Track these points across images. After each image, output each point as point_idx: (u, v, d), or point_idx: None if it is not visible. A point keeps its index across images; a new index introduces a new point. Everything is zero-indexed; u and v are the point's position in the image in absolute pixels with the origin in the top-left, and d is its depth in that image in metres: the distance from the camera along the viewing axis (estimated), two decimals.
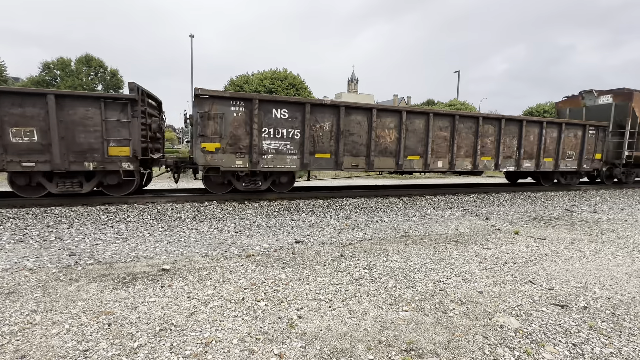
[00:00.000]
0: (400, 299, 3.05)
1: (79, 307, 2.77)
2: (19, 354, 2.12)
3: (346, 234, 5.49)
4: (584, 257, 4.49)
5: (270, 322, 2.58)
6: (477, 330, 2.55)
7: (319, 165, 7.52)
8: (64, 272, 3.55)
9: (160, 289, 3.14)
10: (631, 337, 2.50)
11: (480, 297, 3.14)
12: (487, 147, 9.18)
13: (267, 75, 26.46)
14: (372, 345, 2.32)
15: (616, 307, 3.00)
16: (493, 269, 3.92)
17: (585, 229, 6.20)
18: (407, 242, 5.01)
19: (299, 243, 4.86)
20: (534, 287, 3.40)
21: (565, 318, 2.77)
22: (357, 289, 3.24)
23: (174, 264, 3.83)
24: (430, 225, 6.29)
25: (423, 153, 8.41)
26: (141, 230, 5.36)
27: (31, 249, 4.32)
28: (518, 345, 2.36)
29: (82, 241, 4.72)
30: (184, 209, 6.54)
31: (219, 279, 3.43)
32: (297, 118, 7.18)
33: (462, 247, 4.83)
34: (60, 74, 30.81)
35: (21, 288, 3.12)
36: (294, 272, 3.67)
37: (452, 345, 2.34)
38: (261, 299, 2.97)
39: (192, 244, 4.71)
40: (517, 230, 5.93)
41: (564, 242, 5.25)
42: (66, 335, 2.35)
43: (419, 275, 3.64)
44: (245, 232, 5.46)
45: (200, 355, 2.16)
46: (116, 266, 3.76)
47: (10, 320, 2.52)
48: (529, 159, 9.81)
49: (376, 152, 7.91)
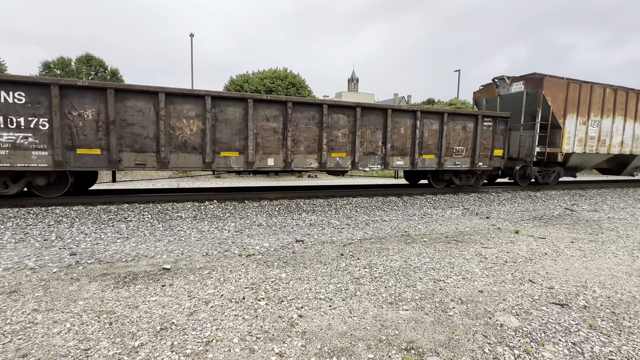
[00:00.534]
0: (401, 298, 3.06)
1: (80, 306, 2.78)
2: (20, 353, 2.13)
3: (346, 233, 5.49)
4: (584, 256, 4.50)
5: (271, 321, 2.59)
6: (477, 329, 2.56)
7: (84, 163, 6.19)
8: (65, 271, 3.56)
9: (161, 288, 3.15)
10: (631, 336, 2.50)
11: (481, 296, 3.15)
12: (339, 141, 7.79)
13: (267, 75, 26.44)
14: (372, 344, 2.32)
15: (616, 306, 3.01)
16: (493, 268, 3.93)
17: (585, 228, 6.20)
18: (408, 241, 5.02)
19: (299, 242, 4.87)
20: (534, 286, 3.41)
21: (565, 317, 2.77)
22: (357, 288, 3.25)
23: (175, 263, 3.84)
24: (430, 224, 6.30)
25: (243, 148, 7.05)
26: (142, 229, 5.37)
27: (32, 249, 4.34)
28: (518, 344, 2.37)
29: (83, 240, 4.73)
30: (185, 209, 6.54)
31: (219, 278, 3.44)
32: (42, 103, 5.82)
33: (462, 246, 4.83)
34: (60, 74, 30.84)
35: (22, 287, 3.13)
36: (295, 271, 3.68)
37: (452, 344, 2.35)
38: (262, 298, 2.98)
39: (192, 243, 4.72)
40: (517, 229, 5.93)
41: (564, 241, 5.26)
42: (67, 334, 2.36)
43: (419, 275, 3.64)
44: (245, 231, 5.47)
45: (201, 354, 2.16)
46: (117, 265, 3.77)
47: (11, 320, 2.53)
48: (400, 155, 8.39)
49: (171, 147, 6.60)
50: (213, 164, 6.96)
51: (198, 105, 6.70)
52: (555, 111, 10.00)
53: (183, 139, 6.71)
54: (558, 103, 10.02)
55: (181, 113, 6.64)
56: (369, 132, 8.09)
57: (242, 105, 7.01)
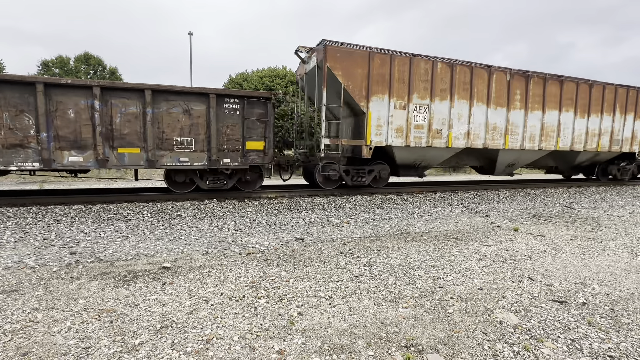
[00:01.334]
0: (400, 296, 3.06)
1: (80, 305, 2.78)
2: (21, 352, 2.13)
3: (346, 231, 5.50)
4: (583, 253, 4.51)
5: (271, 319, 2.60)
6: (476, 326, 2.57)
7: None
8: (65, 270, 3.56)
9: (161, 287, 3.16)
10: (629, 333, 2.51)
11: (480, 293, 3.16)
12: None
13: (267, 73, 26.42)
14: (372, 342, 2.33)
15: (615, 303, 3.02)
16: (492, 265, 3.94)
17: (584, 226, 6.22)
18: (407, 240, 5.03)
19: (299, 241, 4.88)
20: (533, 284, 3.42)
21: (564, 314, 2.78)
22: (357, 286, 3.26)
23: (175, 262, 3.85)
24: (430, 222, 6.31)
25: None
26: (141, 228, 5.37)
27: (32, 248, 4.34)
28: (517, 341, 2.38)
29: (82, 239, 4.73)
30: (184, 207, 6.54)
31: (219, 276, 3.44)
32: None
33: (461, 244, 4.84)
34: (59, 73, 30.77)
35: (23, 286, 3.13)
36: (295, 269, 3.69)
37: (452, 341, 2.35)
38: (262, 296, 2.98)
39: (192, 241, 4.72)
40: (516, 227, 5.94)
41: (563, 238, 5.27)
42: (68, 332, 2.36)
43: (419, 272, 3.65)
44: (245, 229, 5.47)
45: (202, 352, 2.17)
46: (117, 264, 3.77)
47: (12, 318, 2.54)
48: (76, 149, 6.08)
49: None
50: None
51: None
52: (351, 90, 7.44)
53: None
54: (355, 80, 7.46)
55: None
56: (9, 115, 5.73)
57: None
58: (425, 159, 8.91)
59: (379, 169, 8.69)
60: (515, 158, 9.88)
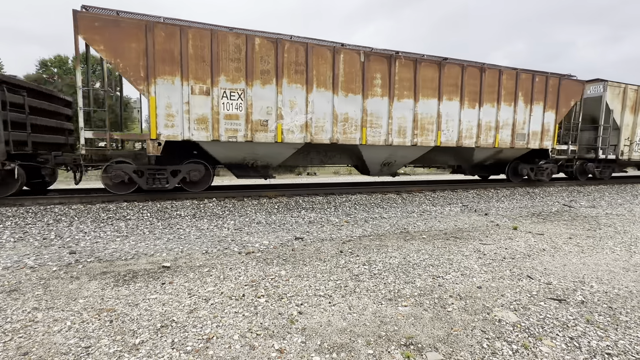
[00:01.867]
0: (400, 295, 3.07)
1: (80, 304, 2.79)
2: (22, 351, 2.14)
3: (346, 230, 5.51)
4: (582, 252, 4.52)
5: (271, 318, 2.60)
6: (475, 324, 2.58)
7: None
8: (65, 270, 3.56)
9: (161, 286, 3.16)
10: (627, 331, 2.53)
11: (479, 292, 3.17)
12: None
13: None
14: (371, 340, 2.34)
15: (613, 301, 3.03)
16: (492, 264, 3.95)
17: (583, 224, 6.23)
18: (407, 238, 5.04)
19: (298, 240, 4.88)
20: (532, 282, 3.43)
21: (563, 312, 2.80)
22: (356, 285, 3.27)
23: (175, 261, 3.85)
24: (429, 221, 6.32)
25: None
26: (141, 228, 5.37)
27: (31, 247, 4.34)
28: (516, 339, 2.39)
29: (82, 239, 4.73)
30: (184, 207, 6.55)
31: (219, 275, 3.45)
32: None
33: (461, 242, 4.85)
34: (57, 72, 30.69)
35: (22, 286, 3.13)
36: (294, 268, 3.69)
37: (451, 340, 2.36)
38: (261, 295, 2.99)
39: (192, 241, 4.72)
40: (515, 225, 5.96)
41: (562, 237, 5.28)
42: (68, 332, 2.37)
43: (418, 271, 3.66)
44: (245, 229, 5.48)
45: (202, 350, 2.18)
46: (117, 264, 3.78)
47: (12, 318, 2.54)
48: None
49: None
50: None
51: None
52: (122, 70, 6.14)
53: None
54: (130, 57, 6.06)
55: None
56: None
57: None
58: (258, 156, 7.42)
59: (189, 169, 7.01)
60: (389, 156, 8.41)
